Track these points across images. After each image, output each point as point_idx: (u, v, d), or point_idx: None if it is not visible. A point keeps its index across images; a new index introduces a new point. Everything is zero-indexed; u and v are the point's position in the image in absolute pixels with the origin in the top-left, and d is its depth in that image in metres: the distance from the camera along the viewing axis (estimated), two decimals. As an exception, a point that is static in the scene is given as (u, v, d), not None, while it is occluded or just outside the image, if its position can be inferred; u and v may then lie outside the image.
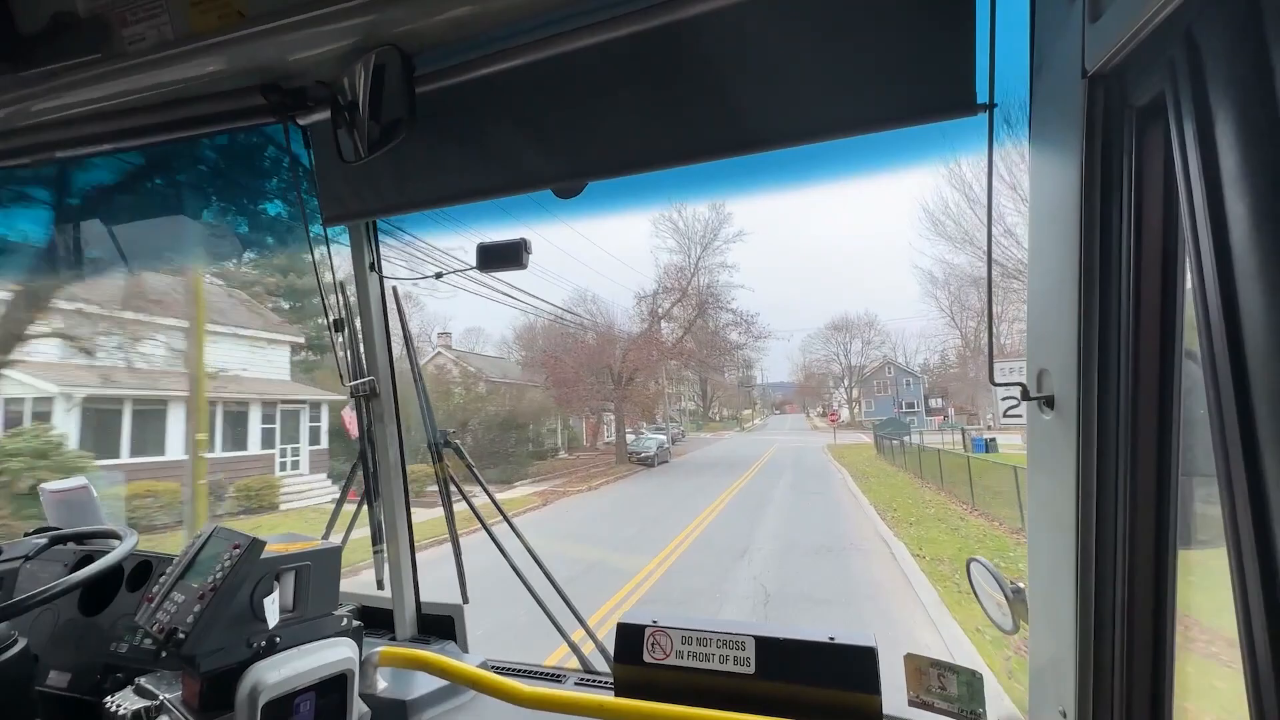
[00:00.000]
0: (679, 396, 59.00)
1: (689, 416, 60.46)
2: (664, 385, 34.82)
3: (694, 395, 64.60)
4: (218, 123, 1.21)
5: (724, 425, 64.02)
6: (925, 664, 1.13)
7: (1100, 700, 0.81)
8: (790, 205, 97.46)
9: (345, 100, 1.12)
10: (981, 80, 0.89)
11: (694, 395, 64.60)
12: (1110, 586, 0.79)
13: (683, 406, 60.76)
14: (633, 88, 1.10)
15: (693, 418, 61.04)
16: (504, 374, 28.60)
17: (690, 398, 63.99)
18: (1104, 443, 0.78)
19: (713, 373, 44.98)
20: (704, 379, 60.09)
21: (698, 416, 63.55)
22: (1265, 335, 0.51)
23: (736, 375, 69.02)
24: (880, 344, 65.25)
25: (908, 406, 54.84)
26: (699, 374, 58.85)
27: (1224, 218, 0.55)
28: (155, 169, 1.69)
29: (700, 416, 64.26)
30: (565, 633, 1.61)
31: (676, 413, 55.98)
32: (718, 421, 66.39)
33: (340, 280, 1.61)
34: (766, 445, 36.48)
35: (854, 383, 64.65)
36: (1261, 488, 0.52)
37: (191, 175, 1.71)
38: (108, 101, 1.20)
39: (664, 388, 35.43)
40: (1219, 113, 0.56)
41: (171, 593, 1.13)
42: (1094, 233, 0.77)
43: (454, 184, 1.27)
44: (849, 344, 67.83)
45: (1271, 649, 0.51)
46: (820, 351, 70.41)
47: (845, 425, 53.72)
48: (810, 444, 36.51)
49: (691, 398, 64.39)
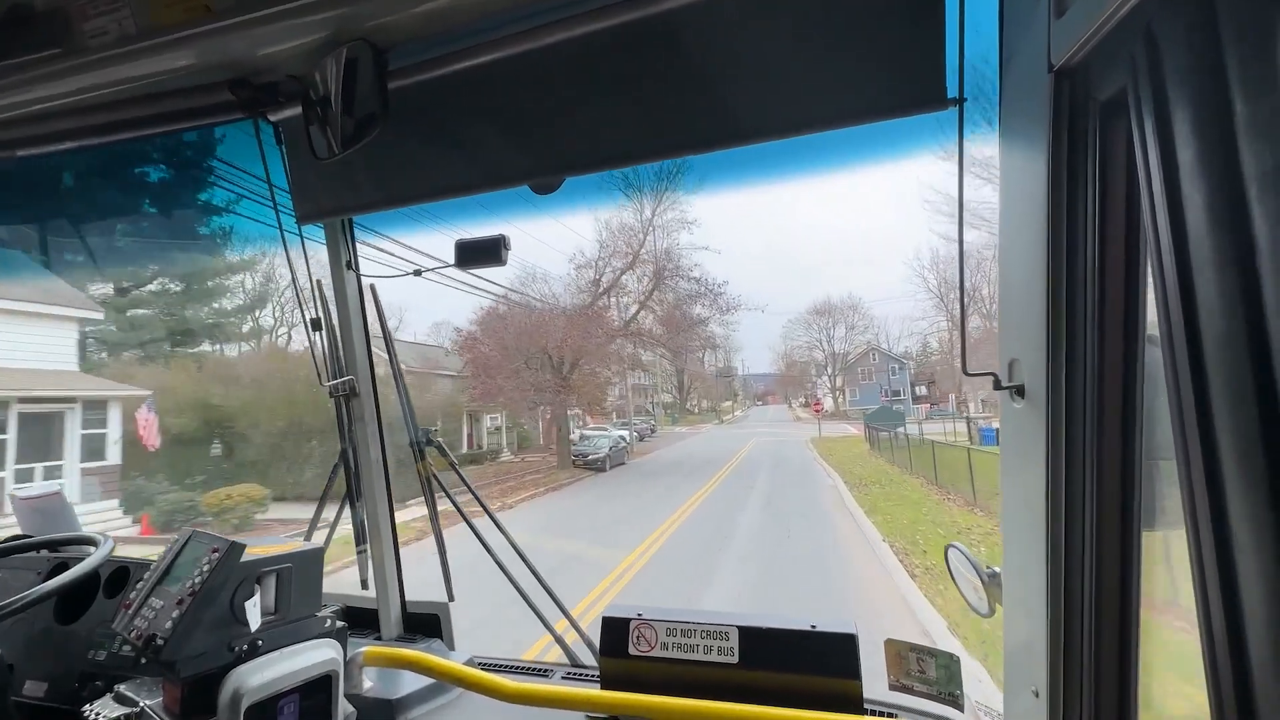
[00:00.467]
0: (654, 389, 57.24)
1: (667, 409, 58.22)
2: (617, 373, 29.80)
3: (670, 387, 62.25)
4: (185, 119, 1.18)
5: (703, 417, 61.46)
6: (905, 649, 1.16)
7: (1070, 679, 0.84)
8: (771, 198, 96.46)
9: (317, 95, 1.10)
10: (952, 75, 0.90)
11: (670, 387, 62.25)
12: (1079, 569, 0.81)
13: (659, 399, 58.87)
14: (609, 82, 1.10)
15: (669, 410, 58.74)
16: (430, 363, 24.07)
17: (667, 390, 61.68)
18: (1071, 429, 0.80)
19: (675, 355, 39.25)
20: (680, 369, 57.63)
21: (674, 409, 60.66)
22: (1220, 322, 0.53)
23: (715, 365, 66.61)
24: (864, 329, 62.10)
25: (893, 394, 52.56)
26: (674, 364, 55.28)
27: (1181, 208, 0.57)
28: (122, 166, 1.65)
29: (677, 409, 61.32)
30: (551, 627, 1.61)
31: (651, 405, 54.49)
32: (696, 414, 63.72)
33: (317, 279, 1.59)
34: (744, 440, 32.06)
35: (837, 371, 62.00)
36: (1217, 469, 0.54)
37: (159, 173, 1.68)
38: (70, 98, 1.17)
39: (616, 376, 30.53)
40: (1176, 107, 0.58)
41: (149, 599, 1.11)
42: (1060, 224, 0.79)
43: (430, 181, 1.26)
44: (832, 329, 64.63)
45: (1226, 623, 0.53)
46: (802, 338, 67.19)
47: (829, 415, 49.89)
48: (792, 437, 33.05)
49: (668, 389, 62.06)
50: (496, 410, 24.70)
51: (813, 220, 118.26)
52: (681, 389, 63.90)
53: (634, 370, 42.49)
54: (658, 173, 21.89)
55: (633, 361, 33.57)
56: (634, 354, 30.81)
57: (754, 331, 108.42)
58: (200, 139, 1.64)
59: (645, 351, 32.14)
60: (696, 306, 25.43)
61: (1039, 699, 0.88)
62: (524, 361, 21.33)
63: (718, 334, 49.20)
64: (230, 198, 1.82)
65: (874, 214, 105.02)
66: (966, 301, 0.95)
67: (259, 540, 1.21)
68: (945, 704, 1.11)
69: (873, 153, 1.18)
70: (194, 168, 1.77)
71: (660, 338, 26.70)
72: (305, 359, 16.40)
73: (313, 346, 1.56)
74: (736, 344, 74.22)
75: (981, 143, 0.89)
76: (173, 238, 2.24)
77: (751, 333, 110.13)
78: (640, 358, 35.98)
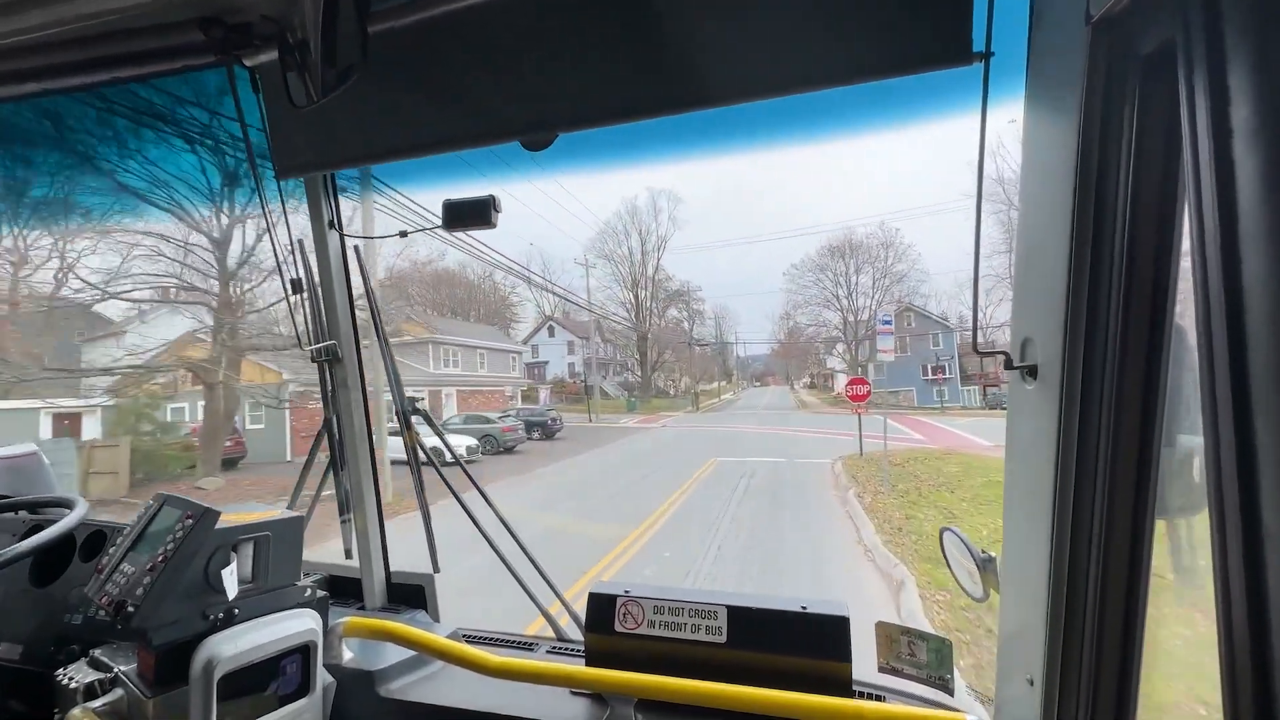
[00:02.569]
0: (620, 365, 47.79)
1: (631, 391, 45.48)
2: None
3: (633, 362, 49.95)
4: (152, 61, 1.11)
5: (676, 402, 44.70)
6: (896, 632, 1.14)
7: (1068, 669, 0.81)
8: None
9: (295, 39, 1.03)
10: (979, 28, 0.83)
11: (633, 362, 49.95)
12: (1085, 557, 0.78)
13: (624, 378, 48.61)
14: (609, 31, 1.03)
15: (633, 391, 45.61)
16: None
17: (629, 366, 50.15)
18: (1086, 413, 0.76)
19: (639, 318, 35.75)
20: (643, 335, 48.10)
21: (636, 389, 46.69)
22: (1267, 303, 0.48)
23: (707, 344, 54.50)
24: (900, 278, 42.07)
25: (934, 372, 37.73)
26: (636, 329, 47.41)
27: (1232, 175, 0.52)
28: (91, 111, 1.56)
29: (641, 389, 46.56)
30: (538, 601, 1.60)
31: (618, 385, 45.46)
32: (672, 395, 48.32)
33: (298, 239, 1.52)
34: (698, 458, 16.17)
35: (858, 338, 42.10)
36: (1251, 459, 0.50)
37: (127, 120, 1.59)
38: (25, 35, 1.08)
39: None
40: (1233, 61, 0.52)
41: (121, 564, 1.09)
42: (1089, 191, 0.73)
43: (416, 134, 1.19)
44: (853, 278, 43.33)
45: (1249, 618, 0.50)
46: (809, 290, 45.54)
47: (844, 399, 31.54)
48: (801, 452, 16.76)
49: (630, 366, 50.23)
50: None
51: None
52: (645, 362, 48.66)
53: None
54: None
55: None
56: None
57: (755, 313, 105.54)
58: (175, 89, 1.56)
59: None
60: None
61: (1033, 687, 0.86)
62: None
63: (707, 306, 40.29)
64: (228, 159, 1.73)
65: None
66: (981, 275, 0.89)
67: (238, 507, 1.18)
68: (935, 688, 1.09)
69: (889, 114, 1.11)
70: (171, 120, 1.69)
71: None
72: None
73: (292, 310, 1.50)
74: (732, 315, 64.60)
75: (1008, 103, 0.82)
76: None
77: (753, 313, 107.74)
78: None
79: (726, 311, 63.52)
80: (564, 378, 46.44)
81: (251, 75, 1.23)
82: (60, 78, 1.14)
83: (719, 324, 57.61)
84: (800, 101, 0.98)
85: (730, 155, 1.45)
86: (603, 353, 46.57)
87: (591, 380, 38.21)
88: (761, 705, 1.00)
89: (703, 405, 43.21)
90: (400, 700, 1.26)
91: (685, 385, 50.88)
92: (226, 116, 1.19)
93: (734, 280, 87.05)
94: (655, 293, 43.94)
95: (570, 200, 58.70)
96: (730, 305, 70.63)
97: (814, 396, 48.85)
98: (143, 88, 1.39)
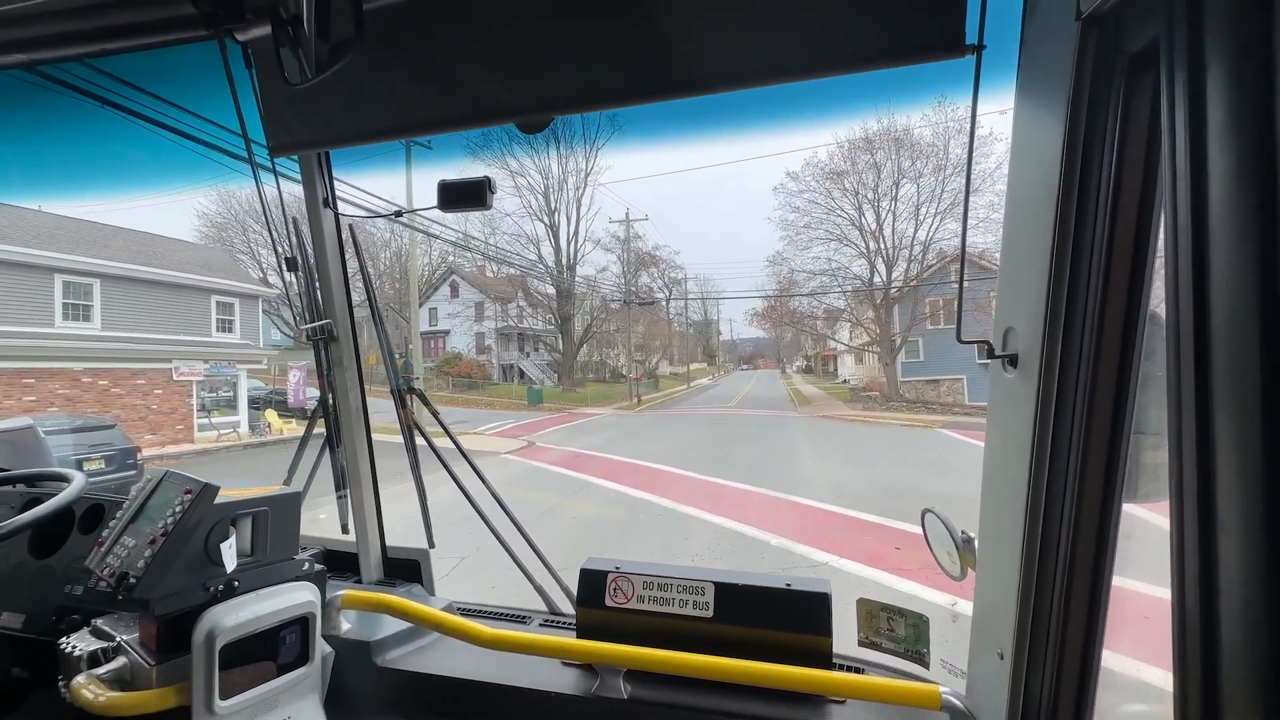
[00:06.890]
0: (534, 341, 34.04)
1: (557, 369, 34.33)
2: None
3: (552, 331, 35.44)
4: (140, 34, 1.09)
5: (618, 389, 32.50)
6: (876, 608, 1.18)
7: (1035, 644, 0.85)
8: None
9: (287, 13, 1.02)
10: (972, 20, 0.84)
11: (552, 331, 35.44)
12: (1055, 540, 0.81)
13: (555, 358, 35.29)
14: (606, 14, 1.02)
15: (558, 371, 34.04)
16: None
17: (549, 341, 36.13)
18: (1062, 400, 0.79)
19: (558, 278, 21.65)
20: (564, 292, 32.82)
21: (558, 369, 34.46)
22: (1231, 300, 0.51)
23: (686, 323, 40.49)
24: (940, 199, 23.43)
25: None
26: (556, 283, 32.34)
27: (1205, 174, 0.53)
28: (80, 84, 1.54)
29: (564, 370, 33.82)
30: (531, 575, 1.63)
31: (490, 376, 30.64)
32: (625, 381, 33.22)
33: (293, 217, 1.52)
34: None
35: (885, 302, 24.72)
36: (1210, 451, 0.52)
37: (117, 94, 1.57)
38: (13, 4, 1.07)
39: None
40: (1211, 62, 0.53)
41: (122, 537, 1.11)
42: (1073, 185, 0.75)
43: (412, 114, 1.18)
44: (884, 198, 24.58)
45: (1201, 606, 0.53)
46: (816, 212, 26.41)
47: (868, 390, 25.77)
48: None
49: (550, 341, 36.11)
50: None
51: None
52: (568, 332, 33.88)
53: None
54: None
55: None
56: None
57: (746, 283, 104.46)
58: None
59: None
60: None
61: (1003, 661, 0.90)
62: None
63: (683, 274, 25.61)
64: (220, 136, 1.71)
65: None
66: (966, 266, 0.91)
67: (237, 483, 1.20)
68: (911, 661, 1.14)
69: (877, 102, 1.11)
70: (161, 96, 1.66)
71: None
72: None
73: (286, 287, 1.50)
74: (716, 287, 50.82)
75: (998, 96, 0.83)
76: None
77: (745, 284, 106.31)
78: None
79: (710, 283, 50.84)
80: (462, 353, 33.76)
81: (244, 51, 1.21)
82: (49, 49, 1.13)
83: (704, 303, 45.88)
84: (792, 88, 0.98)
85: (719, 141, 1.45)
86: (530, 321, 34.36)
87: (507, 358, 29.76)
88: (745, 676, 1.05)
89: (665, 391, 33.00)
90: (396, 670, 1.30)
91: (651, 367, 40.27)
92: (218, 94, 1.17)
93: (719, 258, 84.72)
94: (582, 230, 28.63)
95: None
96: (715, 280, 55.25)
97: (815, 386, 33.10)
98: (131, 59, 1.37)
